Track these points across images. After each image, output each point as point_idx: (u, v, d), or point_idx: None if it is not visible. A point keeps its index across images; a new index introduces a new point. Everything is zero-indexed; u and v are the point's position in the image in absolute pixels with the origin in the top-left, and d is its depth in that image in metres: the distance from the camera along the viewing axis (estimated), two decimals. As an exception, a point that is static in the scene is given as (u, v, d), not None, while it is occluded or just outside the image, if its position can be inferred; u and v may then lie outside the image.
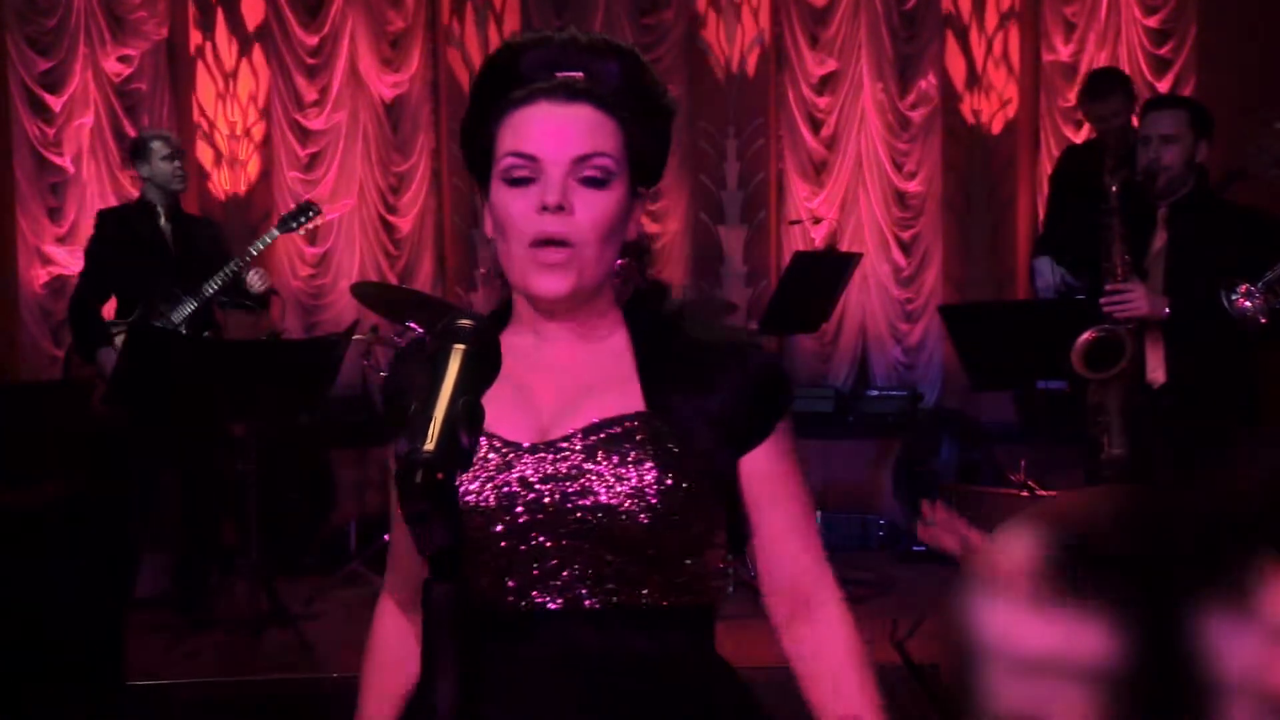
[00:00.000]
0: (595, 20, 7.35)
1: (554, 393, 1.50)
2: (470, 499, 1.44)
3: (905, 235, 7.47)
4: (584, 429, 1.47)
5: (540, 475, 1.45)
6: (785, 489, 1.55)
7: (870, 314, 7.46)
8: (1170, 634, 0.82)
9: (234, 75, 7.46)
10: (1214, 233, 3.89)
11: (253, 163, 7.46)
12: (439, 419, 0.91)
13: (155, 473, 5.23)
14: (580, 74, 1.50)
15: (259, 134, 7.46)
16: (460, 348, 0.97)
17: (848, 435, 6.80)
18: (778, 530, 1.55)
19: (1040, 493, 4.20)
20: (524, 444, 1.48)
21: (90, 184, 7.14)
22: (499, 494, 1.44)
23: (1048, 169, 6.88)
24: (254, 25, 7.43)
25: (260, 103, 7.45)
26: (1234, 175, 4.30)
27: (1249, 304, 3.64)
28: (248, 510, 4.89)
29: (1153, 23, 7.17)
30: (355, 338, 5.39)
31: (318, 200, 7.35)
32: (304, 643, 4.74)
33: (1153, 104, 4.26)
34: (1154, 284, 3.90)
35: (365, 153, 7.39)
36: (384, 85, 7.40)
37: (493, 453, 1.47)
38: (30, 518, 4.04)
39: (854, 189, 7.46)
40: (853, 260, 5.91)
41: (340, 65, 7.35)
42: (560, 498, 1.44)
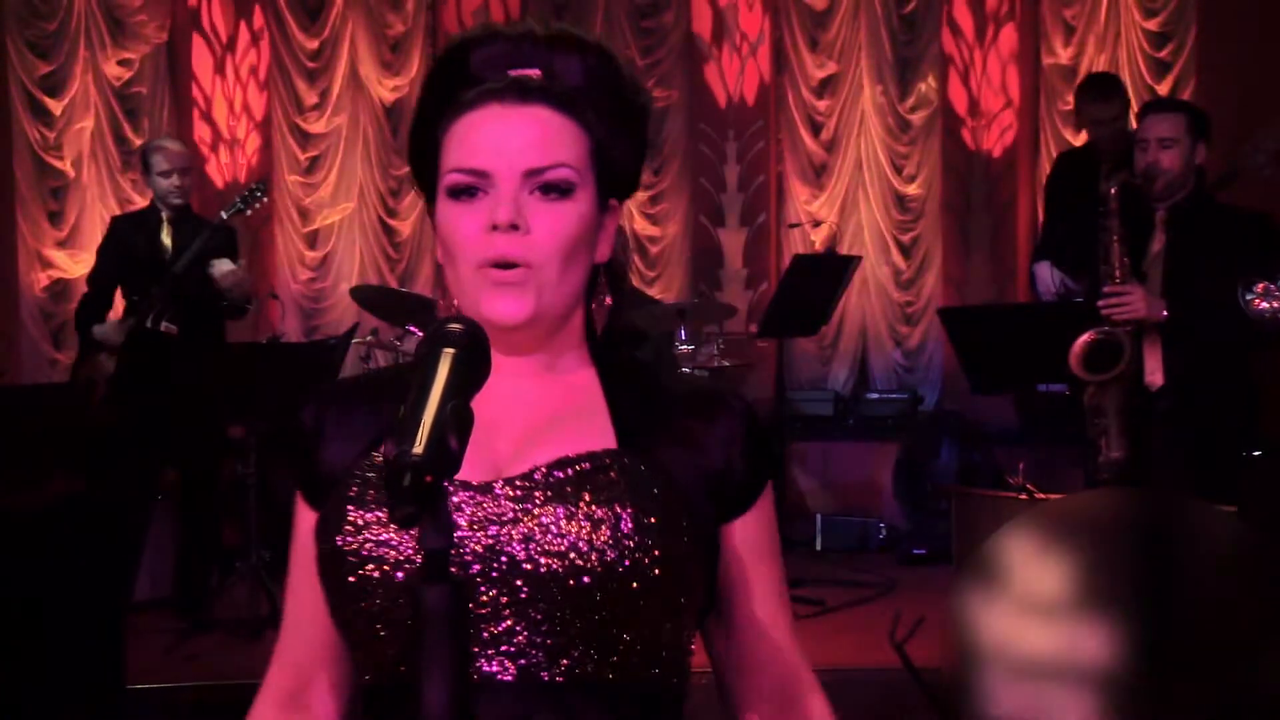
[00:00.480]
0: (594, 23, 7.35)
1: (512, 426, 1.26)
2: (404, 549, 1.20)
3: (905, 238, 7.48)
4: (549, 464, 1.23)
5: (494, 517, 1.21)
6: (771, 564, 1.34)
7: (870, 317, 7.46)
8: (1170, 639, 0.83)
9: (234, 79, 7.46)
10: (1213, 236, 3.88)
11: (253, 166, 7.46)
12: (428, 422, 0.91)
13: (155, 474, 5.23)
14: (537, 71, 1.29)
15: (259, 138, 7.47)
16: (450, 351, 0.98)
17: (847, 438, 6.81)
18: (761, 608, 1.33)
19: (1039, 496, 4.20)
20: (473, 481, 1.22)
21: (90, 188, 7.15)
22: None
23: (1047, 172, 6.88)
24: (254, 28, 7.45)
25: (260, 106, 7.46)
26: (1227, 176, 4.30)
27: (1266, 304, 3.63)
28: (248, 511, 4.90)
29: (1152, 25, 7.18)
30: (355, 341, 5.41)
31: (317, 203, 7.39)
32: (304, 645, 4.73)
33: (1151, 107, 4.27)
34: (1152, 287, 3.90)
35: (365, 156, 7.40)
36: (384, 89, 7.42)
37: None
38: (30, 520, 4.04)
39: (854, 192, 7.47)
40: (852, 263, 5.91)
41: (340, 69, 7.36)
42: (520, 543, 1.19)
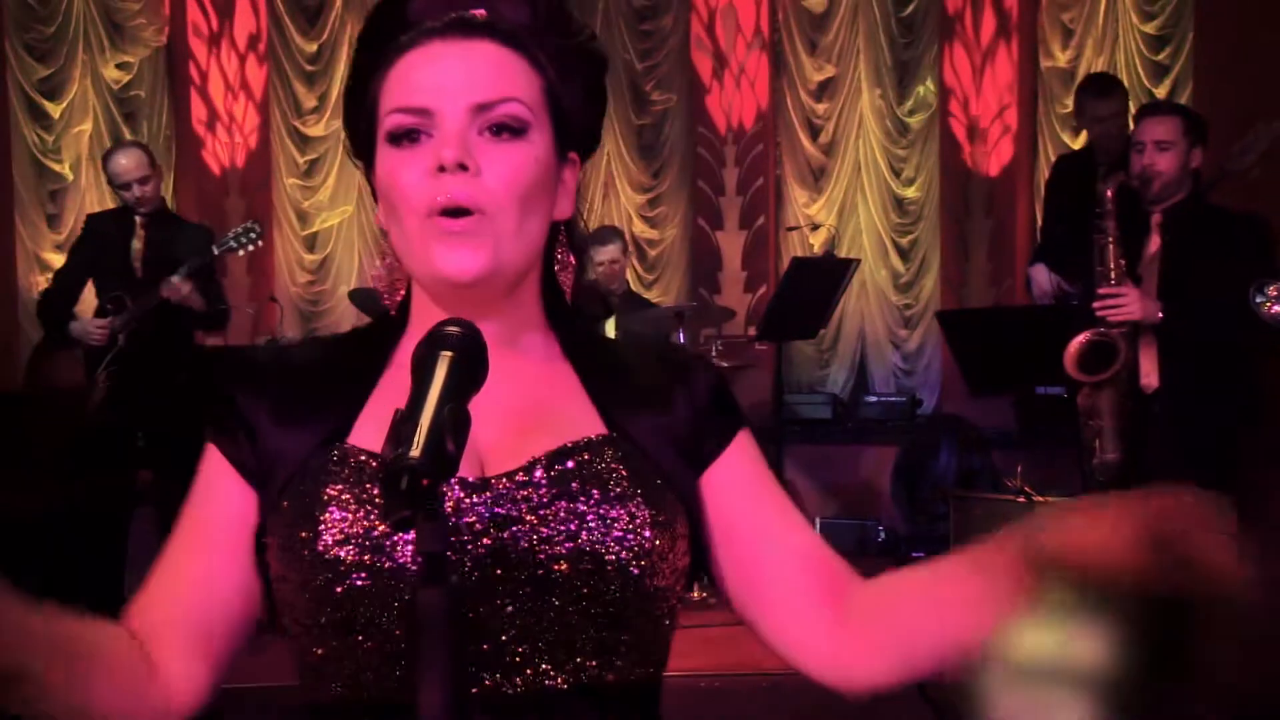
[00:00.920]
0: (594, 24, 7.35)
1: (487, 414, 1.05)
2: (397, 556, 1.09)
3: (904, 241, 7.48)
4: (547, 456, 1.14)
5: (495, 518, 1.11)
6: (767, 486, 1.23)
7: (869, 320, 7.47)
8: (1167, 642, 0.83)
9: (233, 82, 7.47)
10: (1208, 238, 3.89)
11: (252, 169, 7.47)
12: (425, 425, 0.90)
13: (134, 477, 5.22)
14: (481, 11, 1.17)
15: (258, 140, 7.47)
16: (447, 354, 0.97)
17: (846, 441, 6.82)
18: (776, 523, 1.22)
19: (1037, 499, 4.20)
20: (469, 478, 1.12)
21: (89, 191, 7.16)
22: None
23: (1045, 175, 6.89)
24: (253, 32, 7.45)
25: (259, 109, 7.46)
26: (1216, 178, 4.30)
27: (1279, 308, 3.62)
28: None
29: (1150, 29, 7.19)
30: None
31: (316, 206, 7.39)
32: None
33: (1147, 110, 4.28)
34: (1148, 289, 3.90)
35: (364, 159, 7.40)
36: (383, 92, 7.42)
37: None
38: (28, 524, 4.04)
39: (852, 195, 7.47)
40: (851, 266, 5.91)
41: (339, 72, 7.36)
42: (529, 546, 1.10)
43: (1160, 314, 3.81)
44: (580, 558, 1.10)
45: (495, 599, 1.09)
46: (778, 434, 5.87)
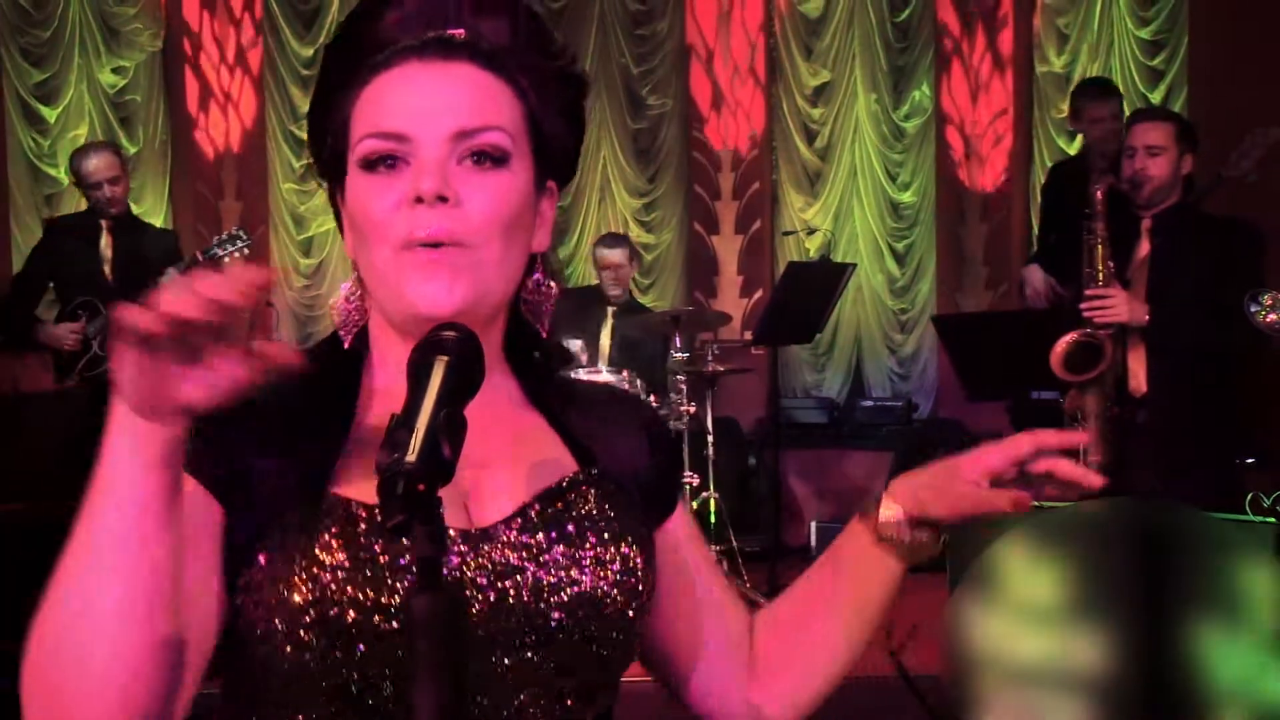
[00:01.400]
0: (589, 31, 7.37)
1: (463, 458, 0.95)
2: (377, 622, 1.02)
3: (899, 245, 7.49)
4: (538, 499, 1.11)
5: (496, 568, 1.08)
6: (704, 548, 1.28)
7: (864, 324, 7.47)
8: (1162, 645, 0.83)
9: (228, 87, 7.47)
10: (1197, 244, 3.90)
11: (247, 173, 7.46)
12: (421, 431, 0.91)
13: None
14: (460, 30, 1.11)
15: (254, 145, 7.47)
16: (443, 360, 0.97)
17: (842, 445, 6.81)
18: (717, 589, 1.25)
19: (1033, 503, 4.20)
20: (469, 530, 1.09)
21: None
22: None
23: (1040, 179, 6.91)
24: (249, 37, 7.45)
25: (255, 114, 7.46)
26: (1214, 183, 4.31)
27: (1275, 316, 3.62)
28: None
29: (1146, 34, 7.21)
30: (349, 348, 5.38)
31: (312, 210, 7.39)
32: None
33: (1139, 115, 4.30)
34: (1137, 293, 3.91)
35: (360, 164, 7.40)
36: (379, 96, 7.42)
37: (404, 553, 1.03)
38: (27, 528, 4.04)
39: (848, 199, 7.48)
40: (847, 270, 5.91)
41: (335, 76, 7.37)
42: (532, 596, 1.08)
43: (1146, 316, 3.81)
44: (579, 603, 1.09)
45: (498, 651, 1.07)
46: (774, 438, 5.87)
